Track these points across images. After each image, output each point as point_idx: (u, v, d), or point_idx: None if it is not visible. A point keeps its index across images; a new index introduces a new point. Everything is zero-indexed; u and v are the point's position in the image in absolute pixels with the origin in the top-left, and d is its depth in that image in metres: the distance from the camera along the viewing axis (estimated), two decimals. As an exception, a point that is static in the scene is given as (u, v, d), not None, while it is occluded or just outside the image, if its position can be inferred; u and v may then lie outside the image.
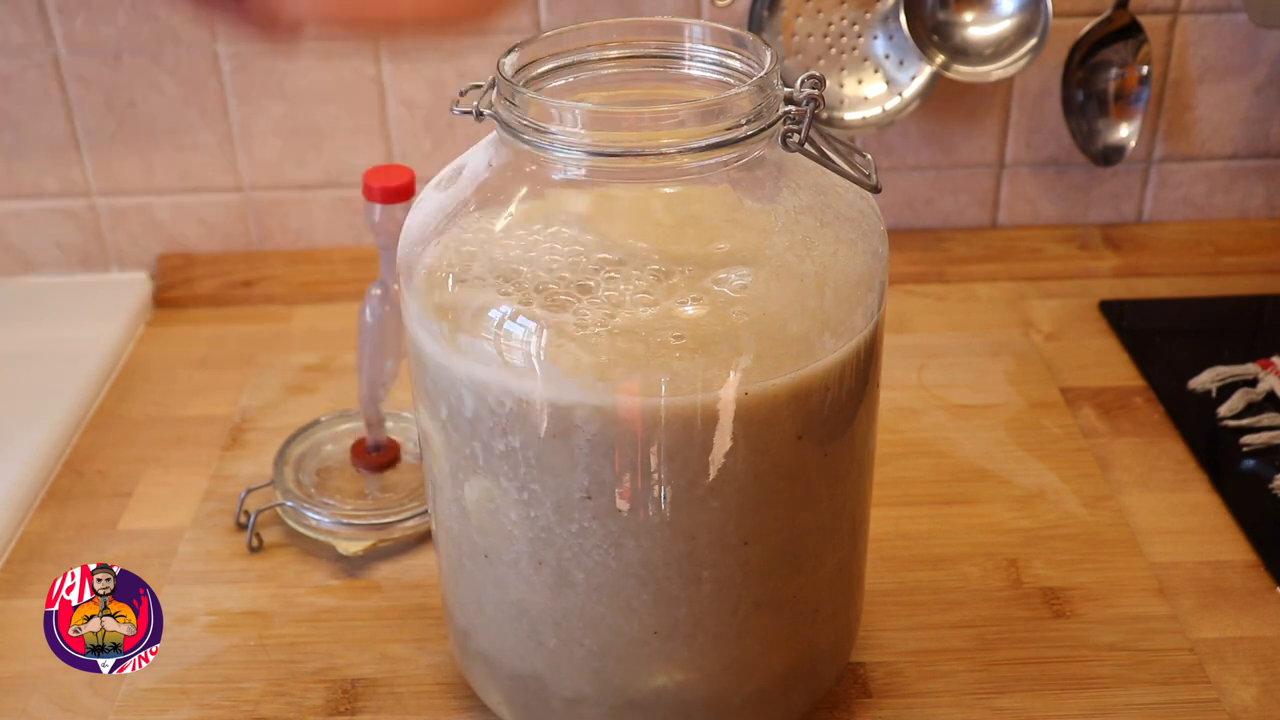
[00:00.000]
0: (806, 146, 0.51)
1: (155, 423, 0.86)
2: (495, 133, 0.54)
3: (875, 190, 0.54)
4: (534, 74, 0.54)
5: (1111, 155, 0.97)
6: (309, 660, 0.66)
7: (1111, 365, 0.88)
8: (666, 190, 0.51)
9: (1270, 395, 0.82)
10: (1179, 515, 0.75)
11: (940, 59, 0.93)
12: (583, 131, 0.49)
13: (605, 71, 0.56)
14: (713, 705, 0.57)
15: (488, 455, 0.52)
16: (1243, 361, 0.85)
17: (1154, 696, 0.63)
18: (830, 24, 0.95)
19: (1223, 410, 0.81)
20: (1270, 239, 1.02)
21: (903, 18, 0.92)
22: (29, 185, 0.99)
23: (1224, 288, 0.97)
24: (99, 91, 0.96)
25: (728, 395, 0.49)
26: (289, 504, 0.74)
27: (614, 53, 0.56)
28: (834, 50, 0.95)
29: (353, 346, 0.77)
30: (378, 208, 0.69)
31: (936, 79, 0.95)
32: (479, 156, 0.55)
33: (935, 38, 0.94)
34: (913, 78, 0.96)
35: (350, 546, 0.72)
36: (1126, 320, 0.93)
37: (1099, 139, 0.97)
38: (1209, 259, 1.00)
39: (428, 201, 0.55)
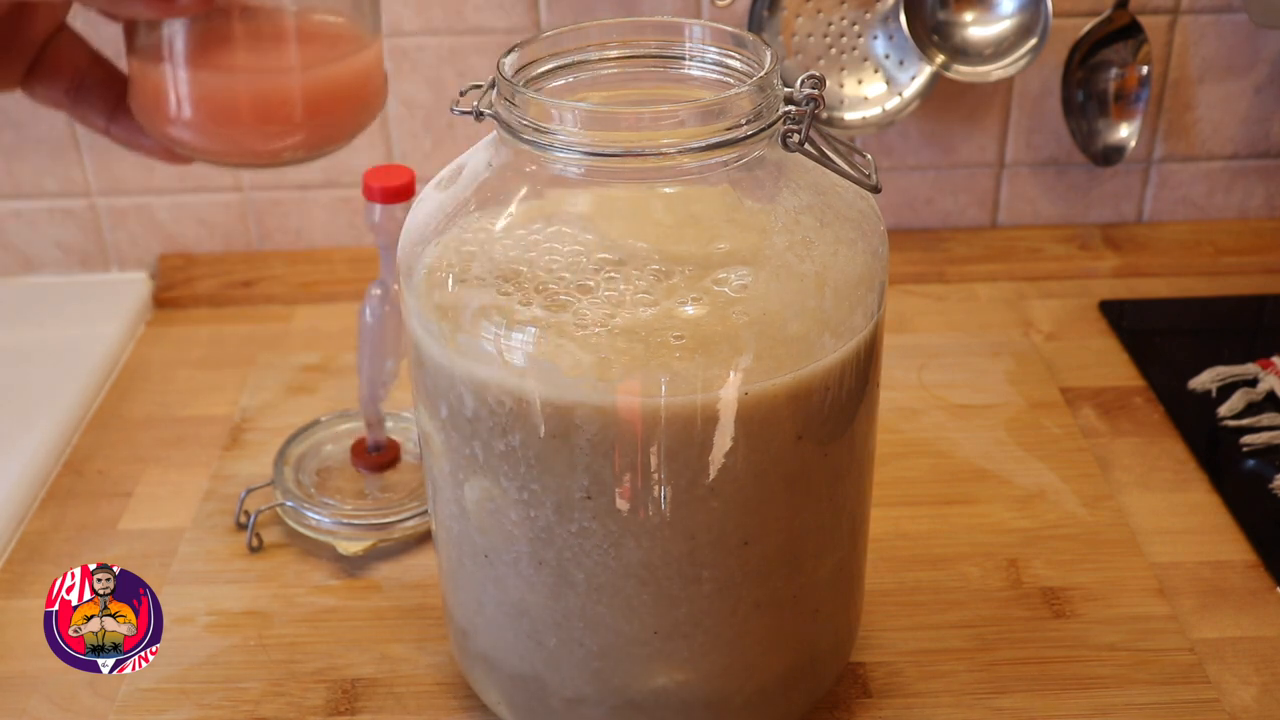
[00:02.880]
0: (806, 146, 0.51)
1: (155, 423, 0.86)
2: (495, 133, 0.54)
3: (875, 190, 0.54)
4: (534, 74, 0.54)
5: (1111, 155, 0.97)
6: (309, 660, 0.66)
7: (1111, 365, 0.88)
8: (666, 190, 0.51)
9: (1270, 395, 0.82)
10: (1179, 515, 0.75)
11: (940, 59, 0.93)
12: (582, 131, 0.49)
13: (605, 71, 0.56)
14: (713, 705, 0.57)
15: (488, 455, 0.52)
16: (1243, 361, 0.85)
17: (1154, 696, 0.63)
18: (830, 24, 0.95)
19: (1223, 410, 0.81)
20: (1270, 239, 1.02)
21: (903, 18, 0.92)
22: (29, 185, 0.99)
23: (1224, 288, 0.97)
24: (99, 91, 0.96)
25: (728, 395, 0.49)
26: (289, 504, 0.74)
27: (614, 53, 0.56)
28: (834, 50, 0.95)
29: (353, 346, 0.77)
30: (378, 208, 0.69)
31: (936, 79, 0.95)
32: (479, 156, 0.55)
33: (935, 38, 0.94)
34: (913, 78, 0.96)
35: (350, 546, 0.72)
36: (1126, 320, 0.93)
37: (1099, 139, 0.97)
38: (1209, 259, 1.00)
39: (428, 201, 0.55)
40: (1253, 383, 0.83)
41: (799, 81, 0.52)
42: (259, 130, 0.44)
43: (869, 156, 0.55)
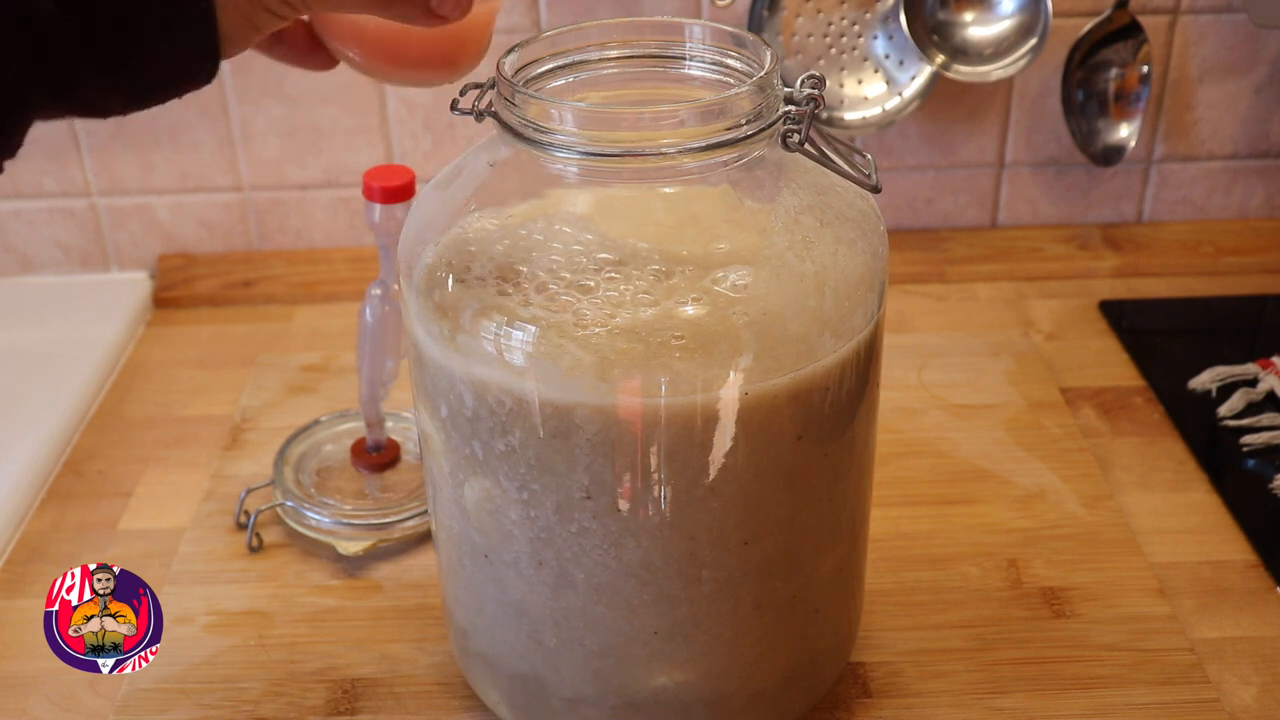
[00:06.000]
0: (806, 146, 0.51)
1: (155, 423, 0.86)
2: (495, 133, 0.54)
3: (875, 190, 0.54)
4: (534, 74, 0.54)
5: (1111, 155, 0.97)
6: (309, 660, 0.66)
7: (1111, 365, 0.88)
8: (666, 190, 0.51)
9: (1270, 395, 0.82)
10: (1179, 515, 0.75)
11: (940, 59, 0.93)
12: (582, 131, 0.49)
13: (605, 72, 0.56)
14: (713, 705, 0.57)
15: (488, 455, 0.52)
16: (1243, 361, 0.85)
17: (1154, 696, 0.63)
18: (830, 24, 0.95)
19: (1223, 410, 0.81)
20: (1270, 239, 1.02)
21: (903, 18, 0.92)
22: (29, 185, 0.99)
23: (1224, 288, 0.97)
24: (99, 91, 0.95)
25: (728, 395, 0.49)
26: (289, 504, 0.74)
27: (614, 53, 0.56)
28: (834, 50, 0.95)
29: (353, 346, 0.78)
30: (378, 208, 0.69)
31: (936, 79, 0.95)
32: (479, 156, 0.55)
33: (935, 38, 0.94)
34: (913, 78, 0.96)
35: (350, 546, 0.72)
36: (1126, 320, 0.93)
37: (1099, 139, 0.97)
38: (1209, 259, 1.00)
39: (428, 201, 0.55)
40: (1253, 383, 0.83)
41: (799, 81, 0.52)
42: (427, 67, 0.53)
43: (869, 156, 0.55)
